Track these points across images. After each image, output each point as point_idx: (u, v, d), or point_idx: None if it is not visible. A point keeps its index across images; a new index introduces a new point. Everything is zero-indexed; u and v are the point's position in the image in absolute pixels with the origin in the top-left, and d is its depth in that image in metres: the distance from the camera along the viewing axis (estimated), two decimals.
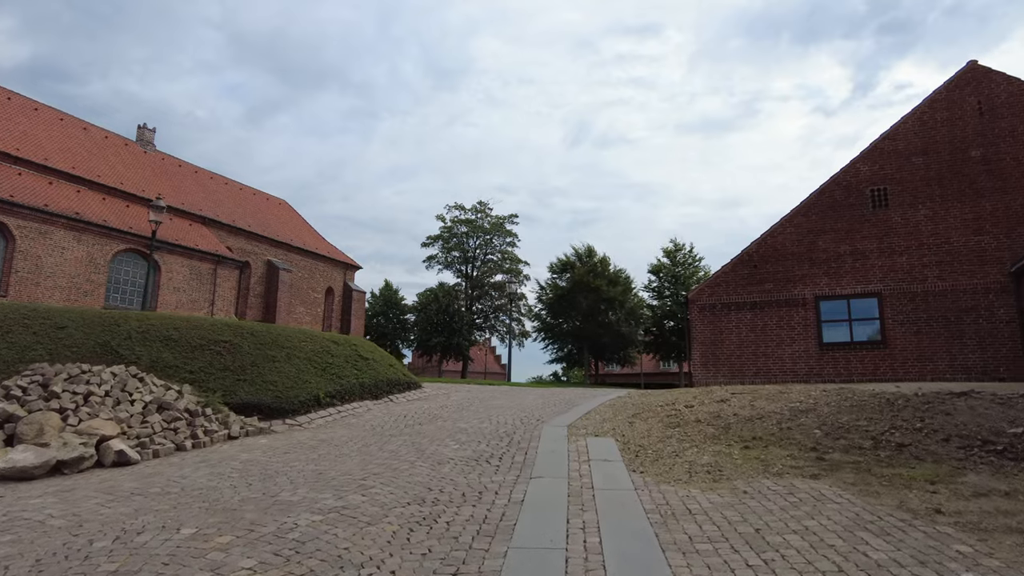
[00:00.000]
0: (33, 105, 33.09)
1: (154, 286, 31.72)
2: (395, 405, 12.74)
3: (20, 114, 31.76)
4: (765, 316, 18.23)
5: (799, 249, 18.28)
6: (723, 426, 8.96)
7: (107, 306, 30.09)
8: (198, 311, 33.20)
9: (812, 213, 18.32)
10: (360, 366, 13.28)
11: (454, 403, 12.92)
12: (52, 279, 27.93)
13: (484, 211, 49.08)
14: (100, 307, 30.27)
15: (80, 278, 28.82)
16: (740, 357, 18.26)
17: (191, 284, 33.04)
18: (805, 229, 18.31)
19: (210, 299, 33.80)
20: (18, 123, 31.15)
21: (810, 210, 18.36)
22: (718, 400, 10.77)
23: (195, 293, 33.20)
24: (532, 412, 11.48)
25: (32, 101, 33.32)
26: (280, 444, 9.10)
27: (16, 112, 31.69)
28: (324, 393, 11.67)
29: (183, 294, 32.67)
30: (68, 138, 33.14)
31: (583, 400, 13.45)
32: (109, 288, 30.22)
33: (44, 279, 27.66)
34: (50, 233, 27.87)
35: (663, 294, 42.60)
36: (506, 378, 23.96)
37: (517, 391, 16.02)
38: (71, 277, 28.55)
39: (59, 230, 28.07)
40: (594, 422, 10.12)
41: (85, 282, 29.05)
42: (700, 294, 19.02)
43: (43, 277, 27.61)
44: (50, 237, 27.89)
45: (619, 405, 11.89)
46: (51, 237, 27.93)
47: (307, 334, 13.51)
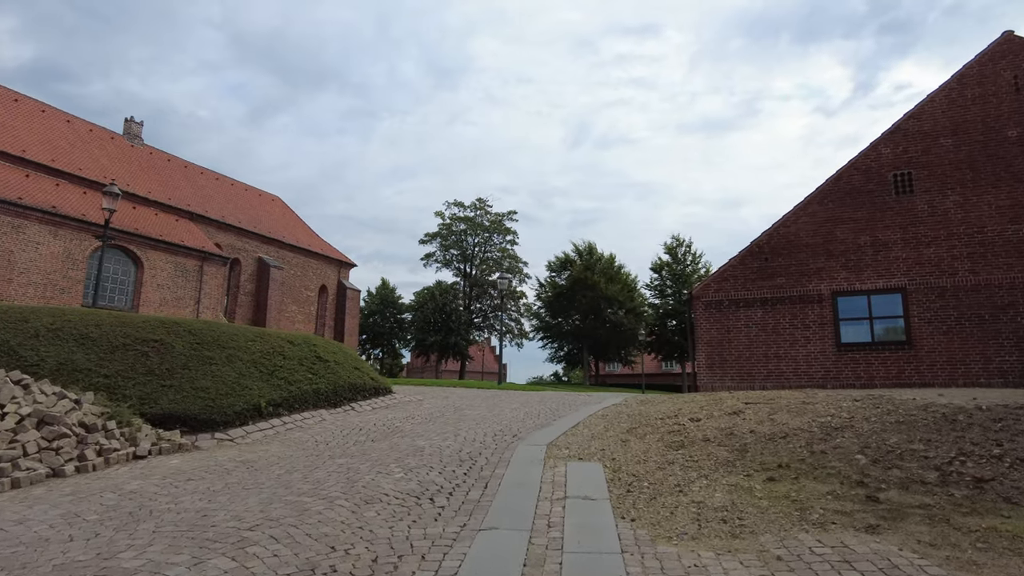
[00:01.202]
0: (13, 96, 31.39)
1: (136, 283, 30.01)
2: (354, 415, 10.86)
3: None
4: (777, 314, 16.27)
5: (814, 240, 16.31)
6: (738, 448, 7.04)
7: (85, 304, 28.37)
8: (183, 309, 31.47)
9: (828, 201, 16.35)
10: (317, 370, 11.40)
11: (423, 413, 11.03)
12: (26, 275, 26.21)
13: (483, 208, 47.22)
14: (79, 305, 28.57)
15: (56, 275, 27.10)
16: (750, 359, 16.31)
17: (176, 281, 31.29)
18: (821, 218, 16.34)
19: (196, 297, 32.04)
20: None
21: (826, 197, 16.39)
22: (730, 412, 8.84)
23: (180, 291, 31.44)
24: (510, 425, 9.58)
25: (12, 92, 31.61)
26: (191, 467, 7.24)
27: None
28: (267, 402, 9.79)
29: (167, 291, 30.92)
30: (49, 130, 31.43)
31: (573, 409, 11.54)
32: (88, 285, 28.49)
33: (17, 275, 25.93)
34: (24, 227, 26.15)
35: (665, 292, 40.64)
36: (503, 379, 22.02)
37: (502, 396, 14.12)
38: (47, 273, 26.83)
39: (34, 224, 26.35)
40: (581, 439, 8.21)
41: (62, 279, 27.33)
42: (705, 290, 17.07)
43: (15, 273, 25.88)
44: (24, 231, 26.17)
45: (613, 416, 9.97)
46: (25, 231, 26.20)
47: (257, 333, 11.66)
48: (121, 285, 29.63)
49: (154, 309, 30.19)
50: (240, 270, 36.39)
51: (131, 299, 29.74)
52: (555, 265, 40.93)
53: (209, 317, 32.45)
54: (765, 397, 10.24)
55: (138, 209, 31.65)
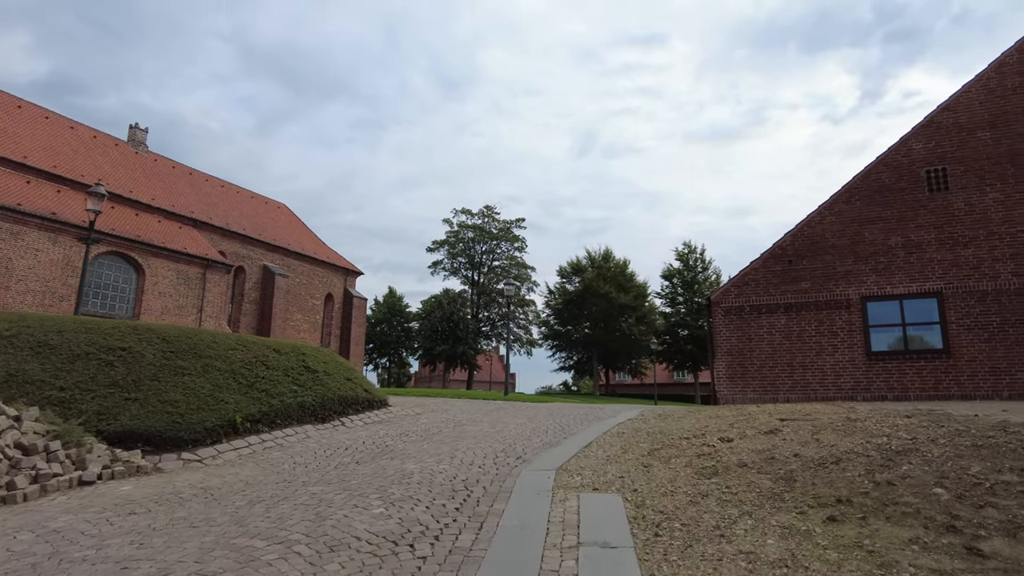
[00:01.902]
0: (16, 102, 30.76)
1: (137, 291, 29.15)
2: (342, 432, 9.73)
3: (0, 110, 29.41)
4: (802, 320, 15.03)
5: (841, 241, 15.08)
6: (784, 476, 5.85)
7: (85, 312, 27.50)
8: (186, 317, 30.56)
9: (856, 199, 15.13)
10: (304, 380, 10.28)
11: (419, 429, 9.88)
12: (24, 283, 25.39)
13: (491, 215, 46.16)
14: None
15: (56, 282, 26.27)
16: (773, 369, 15.06)
17: (178, 289, 30.41)
18: (848, 218, 15.11)
19: (198, 305, 31.14)
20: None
21: (853, 195, 15.17)
22: (765, 431, 7.64)
23: (182, 299, 30.56)
24: (514, 443, 8.41)
25: (16, 98, 30.99)
26: (142, 495, 6.13)
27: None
28: (244, 417, 8.69)
29: (169, 299, 30.03)
30: (52, 136, 30.74)
31: (584, 424, 10.35)
32: (88, 292, 27.66)
33: (15, 283, 25.12)
34: (23, 234, 25.36)
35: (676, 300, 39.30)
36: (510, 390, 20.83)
37: (507, 409, 12.95)
38: (45, 281, 26.01)
39: (33, 231, 25.57)
40: (595, 462, 7.03)
41: (61, 286, 26.50)
42: (725, 295, 15.86)
43: (14, 281, 25.07)
44: (23, 238, 25.38)
45: (630, 434, 8.78)
46: (24, 238, 25.42)
47: (241, 341, 10.58)
48: (122, 293, 28.78)
49: (156, 317, 29.31)
50: (245, 278, 35.51)
51: (132, 307, 28.88)
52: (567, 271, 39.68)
53: (212, 325, 31.53)
54: (801, 412, 9.02)
55: (141, 216, 30.87)
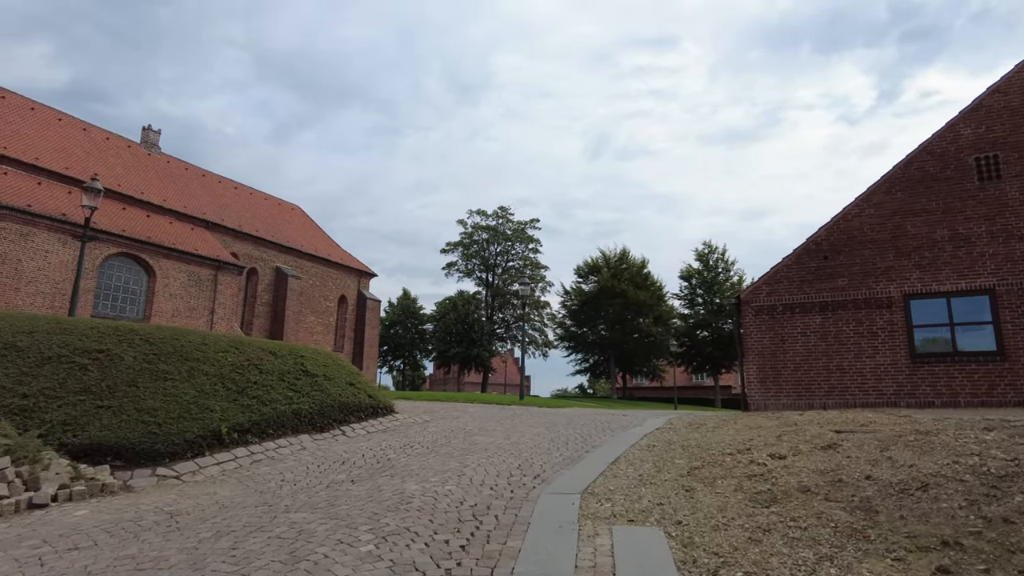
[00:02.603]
0: (30, 105, 30.35)
1: (148, 292, 28.52)
2: (342, 442, 8.73)
3: (14, 113, 28.98)
4: (839, 320, 13.82)
5: (881, 235, 13.85)
6: (860, 505, 4.74)
7: (96, 314, 26.90)
8: (197, 319, 29.89)
9: (897, 190, 13.90)
10: (300, 386, 9.31)
11: (426, 439, 8.85)
12: (33, 284, 24.82)
13: (505, 216, 45.17)
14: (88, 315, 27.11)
15: (66, 284, 25.67)
16: (808, 372, 13.86)
17: (189, 291, 29.73)
18: (888, 210, 13.88)
19: (210, 307, 30.46)
20: (10, 122, 28.35)
21: (894, 186, 13.94)
22: (822, 446, 6.51)
23: (193, 300, 29.89)
24: (531, 458, 7.35)
25: (29, 100, 30.59)
26: (95, 523, 5.17)
27: (10, 111, 28.92)
28: (230, 426, 7.72)
29: (180, 301, 29.37)
30: (64, 138, 30.27)
31: (608, 433, 9.26)
32: (98, 295, 27.09)
33: (24, 284, 24.56)
34: (32, 235, 24.80)
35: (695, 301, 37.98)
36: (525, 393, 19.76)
37: (523, 416, 11.89)
38: (55, 283, 25.44)
39: (42, 232, 25.01)
40: (626, 484, 5.96)
41: (71, 288, 25.88)
42: (755, 294, 14.68)
43: (23, 283, 24.51)
44: (32, 239, 24.83)
45: (662, 447, 7.68)
46: (33, 239, 24.86)
47: (233, 342, 9.64)
48: (132, 295, 28.16)
49: (167, 319, 28.65)
50: (257, 280, 34.83)
51: (143, 309, 28.25)
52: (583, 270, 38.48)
53: (223, 328, 30.84)
54: (855, 422, 7.88)
55: (152, 217, 30.28)
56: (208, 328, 29.90)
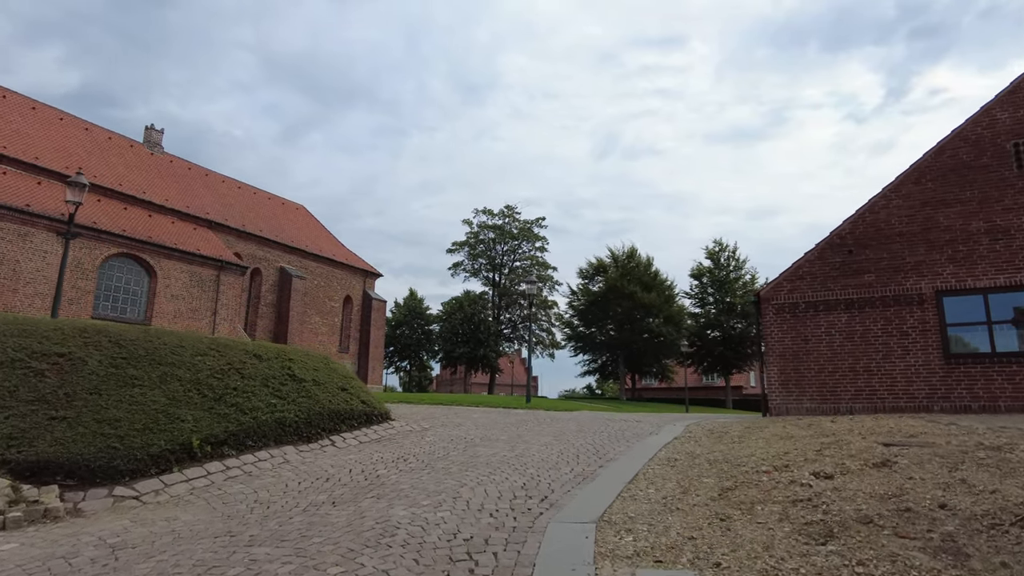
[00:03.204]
0: (31, 104, 29.76)
1: (149, 293, 27.82)
2: (330, 454, 7.86)
3: (14, 112, 28.38)
4: (866, 318, 12.84)
5: (911, 228, 12.87)
6: (942, 544, 3.82)
7: (96, 315, 26.23)
8: (199, 321, 29.18)
9: (928, 179, 12.91)
10: (286, 392, 8.45)
11: (422, 451, 7.97)
12: (32, 286, 24.17)
13: (512, 215, 44.28)
14: (88, 317, 26.46)
15: (64, 284, 24.95)
16: (833, 374, 12.89)
17: (191, 292, 29.01)
18: (918, 200, 12.90)
19: (212, 308, 29.73)
20: (10, 121, 27.75)
21: (925, 175, 12.96)
22: (874, 462, 5.58)
23: (196, 301, 29.16)
24: (538, 475, 6.46)
25: (30, 100, 30.00)
26: (22, 559, 4.32)
27: (10, 110, 28.32)
28: (203, 438, 6.87)
29: (182, 302, 28.65)
30: (66, 138, 29.65)
31: (622, 443, 8.34)
32: (99, 296, 26.40)
33: (22, 286, 23.91)
34: (30, 235, 24.15)
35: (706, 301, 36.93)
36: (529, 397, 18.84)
37: (530, 423, 10.99)
38: (54, 284, 24.73)
39: (41, 232, 24.35)
40: (648, 510, 5.06)
41: (70, 289, 25.23)
42: (776, 291, 13.72)
43: (21, 284, 23.86)
44: (30, 240, 24.17)
45: (685, 461, 6.77)
46: (31, 240, 24.20)
47: (215, 344, 8.80)
48: (133, 296, 27.45)
49: (168, 321, 27.95)
50: (261, 280, 34.11)
51: (144, 310, 27.54)
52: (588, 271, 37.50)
53: (226, 328, 30.13)
54: (902, 432, 6.93)
55: (154, 217, 29.61)
56: (211, 329, 29.19)
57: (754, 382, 51.30)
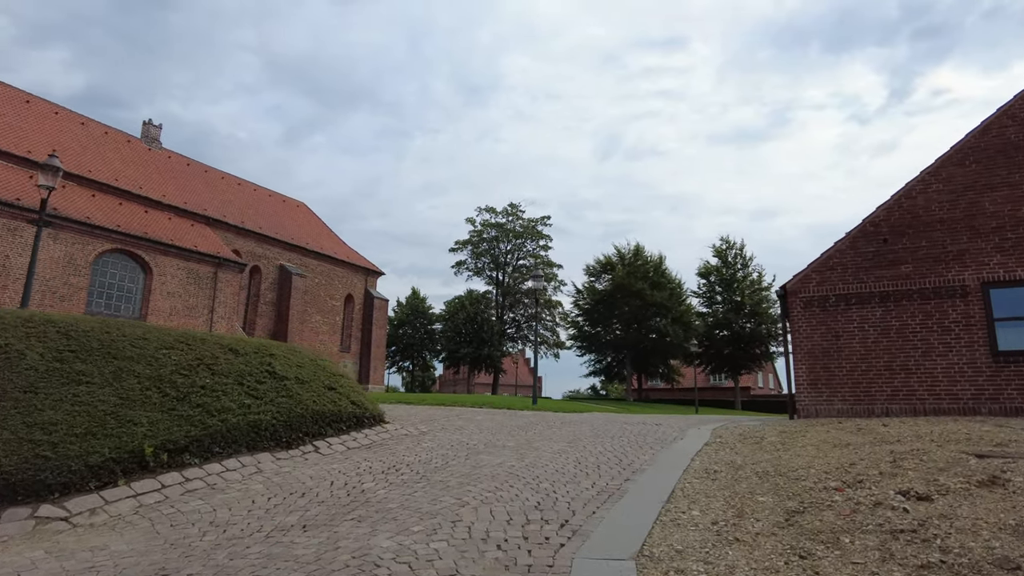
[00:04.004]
0: (24, 97, 28.76)
1: (144, 290, 26.76)
2: (311, 462, 6.72)
3: (7, 105, 27.38)
4: (903, 312, 11.67)
5: (953, 214, 11.70)
6: None
7: (89, 312, 25.20)
8: (196, 319, 28.11)
9: (972, 161, 11.74)
10: (263, 391, 7.32)
11: (418, 459, 6.83)
12: (22, 281, 23.08)
13: (516, 214, 43.15)
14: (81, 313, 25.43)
15: (56, 281, 23.96)
16: (867, 373, 11.71)
17: (187, 289, 27.94)
18: (961, 184, 11.73)
19: (209, 305, 28.66)
20: (3, 114, 26.74)
21: (968, 156, 11.79)
22: (981, 480, 4.42)
23: (192, 299, 28.09)
24: (553, 490, 5.32)
25: (24, 93, 29.00)
26: None
27: (3, 103, 27.33)
28: (158, 445, 5.75)
29: (178, 300, 27.58)
30: (60, 132, 28.64)
31: (647, 453, 7.18)
32: (92, 292, 25.33)
33: (12, 282, 22.85)
34: (20, 230, 23.09)
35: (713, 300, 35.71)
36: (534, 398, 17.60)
37: (539, 426, 9.84)
38: (45, 280, 23.72)
39: (32, 227, 23.29)
40: (699, 539, 3.91)
41: (62, 285, 24.19)
42: (804, 283, 12.55)
43: (11, 280, 22.80)
44: (20, 234, 23.11)
45: (727, 474, 5.61)
46: (21, 234, 23.14)
47: (184, 338, 7.68)
48: (128, 293, 26.40)
49: (164, 318, 26.89)
50: (261, 278, 33.05)
51: (139, 308, 26.47)
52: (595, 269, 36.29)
53: (224, 326, 29.07)
54: (987, 440, 5.77)
55: (150, 213, 28.56)
56: (207, 328, 28.13)
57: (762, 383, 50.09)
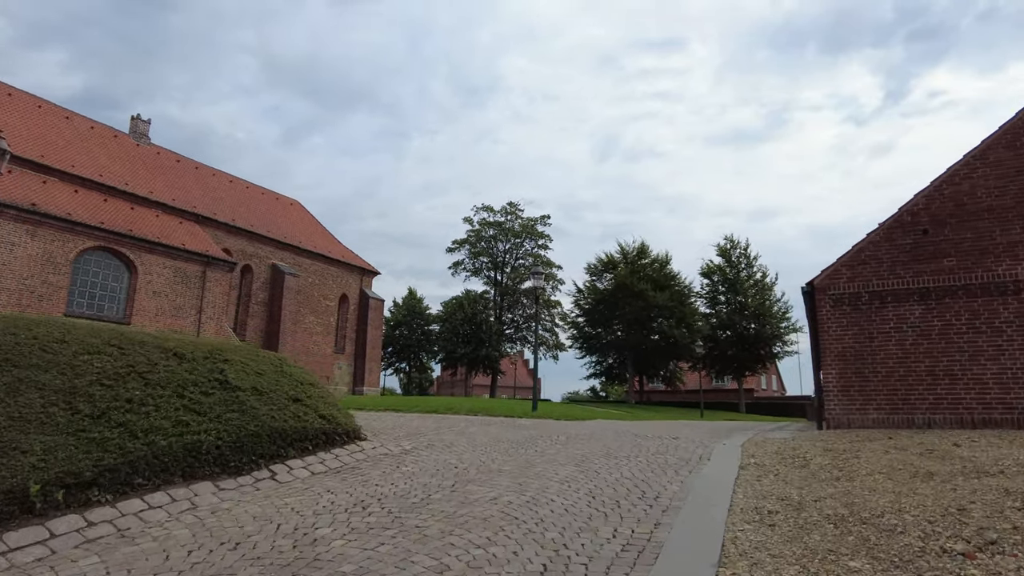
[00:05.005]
0: (7, 90, 27.41)
1: (129, 290, 25.37)
2: (260, 496, 5.35)
3: None
4: (946, 311, 10.34)
5: (1002, 201, 10.36)
6: None
7: (70, 313, 23.80)
8: (183, 319, 26.75)
9: (1022, 142, 10.43)
10: (210, 405, 5.94)
11: (393, 490, 5.45)
12: None
13: (515, 212, 41.81)
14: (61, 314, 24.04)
15: (34, 279, 22.59)
16: (905, 379, 10.37)
17: (175, 288, 26.57)
18: (1012, 168, 10.40)
19: (197, 305, 27.29)
20: None
21: (1019, 138, 10.47)
22: None
23: (179, 299, 26.72)
24: (564, 543, 3.95)
25: (6, 86, 27.63)
26: None
27: None
28: (47, 480, 4.38)
29: (165, 299, 26.21)
30: (44, 126, 27.28)
31: (673, 479, 5.82)
32: (73, 292, 23.95)
33: None
34: None
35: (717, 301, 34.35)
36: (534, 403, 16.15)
37: (539, 442, 8.47)
38: (21, 279, 22.34)
39: (7, 223, 21.96)
40: None
41: (40, 284, 22.82)
42: (834, 279, 11.21)
43: None
44: None
45: (787, 515, 4.23)
46: None
47: (115, 337, 6.28)
48: (112, 292, 25.02)
49: (150, 319, 25.51)
50: (252, 277, 31.68)
51: (123, 308, 25.11)
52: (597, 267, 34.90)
53: (212, 327, 27.68)
54: None
55: (136, 210, 27.20)
56: (196, 328, 26.78)
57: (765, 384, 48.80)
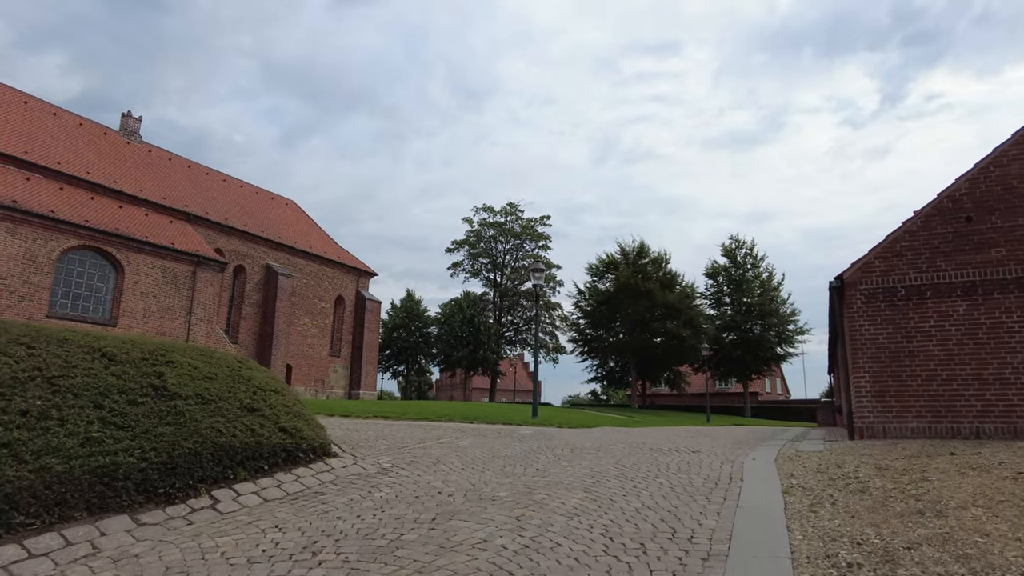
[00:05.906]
0: None
1: (116, 291, 24.19)
2: (188, 534, 4.15)
3: None
4: (995, 307, 9.17)
5: None
6: None
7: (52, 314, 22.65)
8: (172, 321, 25.57)
9: None
10: (135, 417, 4.76)
11: (357, 525, 4.27)
12: None
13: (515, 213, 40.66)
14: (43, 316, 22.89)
15: (15, 279, 21.42)
16: (948, 383, 9.19)
17: (163, 289, 25.39)
18: None
19: (187, 307, 26.11)
20: None
21: None
22: None
23: (168, 300, 25.54)
24: None
25: None
26: None
27: None
28: None
29: (153, 300, 25.03)
30: (29, 122, 26.16)
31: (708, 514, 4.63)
32: (56, 292, 22.78)
33: None
34: None
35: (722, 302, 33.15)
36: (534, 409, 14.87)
37: (541, 456, 7.27)
38: (2, 279, 21.19)
39: None
40: None
41: (22, 284, 21.65)
42: (867, 272, 10.03)
43: None
44: None
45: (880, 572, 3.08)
46: None
47: (26, 335, 5.12)
48: (97, 293, 23.85)
49: (137, 321, 24.35)
50: (245, 278, 30.51)
51: (109, 309, 23.94)
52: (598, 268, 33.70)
53: (203, 329, 26.49)
54: None
55: (124, 208, 26.06)
56: (185, 330, 25.62)
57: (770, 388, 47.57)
